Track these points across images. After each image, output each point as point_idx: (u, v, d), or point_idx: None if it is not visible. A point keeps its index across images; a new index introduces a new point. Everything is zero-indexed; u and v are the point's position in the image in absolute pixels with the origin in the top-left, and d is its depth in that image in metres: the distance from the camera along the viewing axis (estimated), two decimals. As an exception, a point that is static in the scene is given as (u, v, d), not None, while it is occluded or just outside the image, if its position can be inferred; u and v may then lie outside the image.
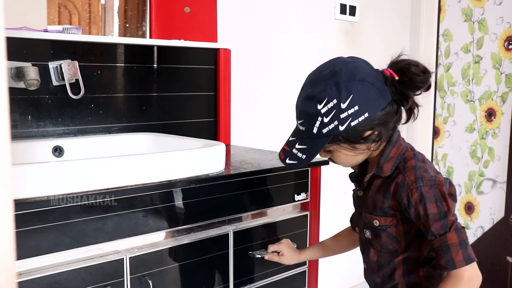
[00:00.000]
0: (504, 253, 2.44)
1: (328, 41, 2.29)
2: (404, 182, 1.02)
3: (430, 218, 1.00)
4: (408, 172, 1.03)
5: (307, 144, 1.03)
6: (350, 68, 1.00)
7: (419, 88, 1.02)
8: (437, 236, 1.00)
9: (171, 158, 1.17)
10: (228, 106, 1.80)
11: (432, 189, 1.01)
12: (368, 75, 1.00)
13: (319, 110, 0.99)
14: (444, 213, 1.00)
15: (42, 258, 0.99)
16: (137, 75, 1.60)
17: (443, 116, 2.65)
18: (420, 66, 1.01)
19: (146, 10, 1.65)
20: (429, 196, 1.00)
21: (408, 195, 1.01)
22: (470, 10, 2.50)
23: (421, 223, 1.02)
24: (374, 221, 1.09)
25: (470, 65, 2.52)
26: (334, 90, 0.98)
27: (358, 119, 0.98)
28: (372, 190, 1.10)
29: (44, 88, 1.39)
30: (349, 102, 0.97)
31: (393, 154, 1.06)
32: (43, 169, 0.99)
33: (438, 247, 1.00)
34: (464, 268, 0.99)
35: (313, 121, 1.00)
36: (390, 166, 1.05)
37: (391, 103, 1.01)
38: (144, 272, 1.12)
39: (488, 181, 2.50)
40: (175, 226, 1.19)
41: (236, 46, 1.87)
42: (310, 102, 1.01)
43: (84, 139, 1.44)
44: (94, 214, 1.04)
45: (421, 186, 1.01)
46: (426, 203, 1.00)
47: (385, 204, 1.06)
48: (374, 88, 0.99)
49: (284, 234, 1.41)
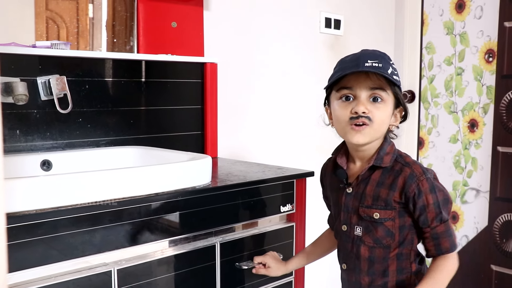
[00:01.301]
0: (488, 262, 2.48)
1: (313, 54, 2.33)
2: (413, 174, 1.11)
3: (441, 204, 1.11)
4: (413, 165, 1.13)
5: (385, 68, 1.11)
6: None
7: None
8: (443, 221, 1.12)
9: (158, 171, 1.19)
10: (215, 119, 1.83)
11: (435, 180, 1.13)
12: None
13: (391, 61, 1.13)
14: (448, 200, 1.13)
15: (31, 271, 1.00)
16: (124, 89, 1.62)
17: (427, 127, 2.70)
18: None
19: (133, 25, 1.67)
20: (437, 185, 1.12)
21: (418, 185, 1.10)
22: (451, 24, 2.56)
23: (427, 212, 1.11)
24: (374, 214, 1.13)
25: (453, 77, 2.57)
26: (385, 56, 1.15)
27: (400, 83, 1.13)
28: (371, 184, 1.15)
29: (32, 103, 1.40)
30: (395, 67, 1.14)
31: (389, 150, 1.16)
32: (31, 183, 1.01)
33: (443, 231, 1.13)
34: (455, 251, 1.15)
35: (388, 64, 1.11)
36: (389, 158, 1.14)
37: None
38: (132, 284, 1.13)
39: (471, 191, 2.54)
40: (162, 239, 1.20)
41: (223, 60, 1.90)
42: (383, 55, 1.14)
43: (72, 153, 1.46)
44: (82, 227, 1.06)
45: (429, 177, 1.11)
46: (436, 191, 1.11)
47: (389, 196, 1.12)
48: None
49: (271, 245, 1.44)
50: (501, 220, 2.43)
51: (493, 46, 2.41)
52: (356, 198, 1.16)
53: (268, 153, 2.11)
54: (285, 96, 2.21)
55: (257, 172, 1.50)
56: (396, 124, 1.18)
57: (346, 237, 1.20)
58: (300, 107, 2.26)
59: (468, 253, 2.56)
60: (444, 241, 1.12)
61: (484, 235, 2.50)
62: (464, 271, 2.55)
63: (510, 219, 2.40)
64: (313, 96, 2.33)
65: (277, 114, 2.15)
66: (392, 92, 1.12)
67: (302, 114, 2.25)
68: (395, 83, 1.11)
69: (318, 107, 2.32)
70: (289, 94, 2.23)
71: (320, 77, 2.37)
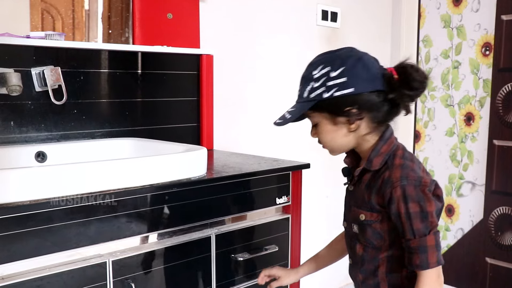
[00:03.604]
0: (483, 254, 2.49)
1: (310, 46, 2.32)
2: (389, 179, 1.05)
3: (412, 217, 1.03)
4: (395, 169, 1.06)
5: (296, 107, 1.10)
6: (352, 48, 1.09)
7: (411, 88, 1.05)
8: (417, 236, 1.03)
9: (153, 162, 1.19)
10: (210, 111, 1.82)
11: (416, 189, 1.03)
12: (367, 59, 1.06)
13: (312, 75, 1.06)
14: (425, 214, 1.03)
15: (25, 262, 0.99)
16: (120, 81, 1.62)
17: (424, 120, 2.70)
18: (420, 71, 1.06)
19: (129, 16, 1.66)
20: (412, 196, 1.03)
21: (391, 191, 1.04)
22: (449, 17, 2.55)
23: (400, 221, 1.04)
24: (360, 215, 1.11)
25: (450, 70, 2.57)
26: (330, 59, 1.06)
27: (342, 91, 1.03)
28: (361, 186, 1.12)
29: (26, 94, 1.39)
30: (339, 72, 1.03)
31: (384, 150, 1.09)
32: (25, 174, 1.00)
33: (416, 247, 1.03)
34: (435, 268, 1.03)
35: (306, 85, 1.07)
36: (379, 161, 1.08)
37: (379, 93, 1.05)
38: (127, 276, 1.13)
39: (467, 184, 2.55)
40: (157, 230, 1.20)
41: (219, 51, 1.89)
42: (309, 67, 1.09)
43: (67, 145, 1.45)
44: (77, 218, 1.05)
45: (405, 185, 1.03)
46: (408, 202, 1.03)
47: (371, 199, 1.09)
48: (368, 70, 1.04)
49: (266, 237, 1.44)
50: (497, 213, 2.43)
51: (490, 40, 2.41)
52: (353, 197, 1.16)
53: (264, 145, 2.11)
54: (281, 88, 2.21)
55: (252, 164, 1.49)
56: (367, 131, 1.09)
57: (347, 233, 1.20)
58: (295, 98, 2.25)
59: (463, 246, 2.56)
60: (415, 257, 1.03)
61: (479, 228, 2.51)
62: (459, 263, 2.56)
63: (505, 212, 2.41)
64: (310, 88, 2.33)
65: (273, 106, 2.14)
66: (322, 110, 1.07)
67: (299, 107, 2.25)
68: (319, 99, 1.04)
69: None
70: (285, 86, 2.22)
71: (317, 69, 2.36)
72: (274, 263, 1.45)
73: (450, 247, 2.61)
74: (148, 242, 1.19)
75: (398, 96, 1.06)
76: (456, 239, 2.59)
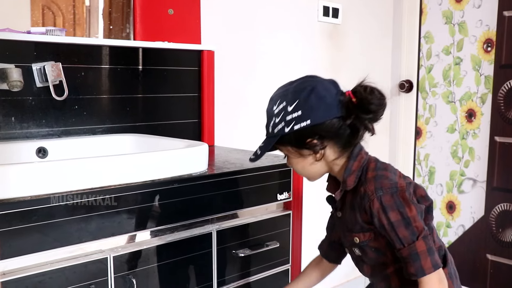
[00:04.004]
0: (484, 251, 2.49)
1: (311, 42, 2.32)
2: (365, 193, 1.05)
3: (395, 226, 1.02)
4: (369, 182, 1.05)
5: (264, 143, 1.11)
6: (306, 79, 1.09)
7: (370, 112, 1.05)
8: (406, 245, 1.02)
9: (154, 158, 1.18)
10: (212, 107, 1.82)
11: (393, 196, 1.03)
12: (321, 88, 1.06)
13: (273, 111, 1.08)
14: (408, 220, 1.02)
15: (26, 258, 0.99)
16: (121, 77, 1.61)
17: (425, 116, 2.70)
18: (376, 93, 1.06)
19: (130, 12, 1.66)
20: (390, 205, 1.02)
21: (370, 205, 1.04)
22: (450, 13, 2.55)
23: (387, 233, 1.04)
24: (355, 239, 1.11)
25: (451, 66, 2.57)
26: (285, 94, 1.07)
27: (300, 124, 1.04)
28: (347, 209, 1.12)
29: (27, 89, 1.39)
30: (294, 106, 1.05)
31: (355, 168, 1.09)
32: (26, 169, 1.00)
33: (408, 255, 1.02)
34: (433, 274, 1.02)
35: (270, 120, 1.09)
36: (353, 179, 1.08)
37: (338, 119, 1.06)
38: (128, 271, 1.13)
39: (468, 181, 2.54)
40: (158, 226, 1.20)
41: (220, 47, 1.89)
42: (270, 103, 1.10)
43: (68, 140, 1.45)
44: (78, 214, 1.05)
45: (381, 195, 1.03)
46: (388, 212, 1.02)
47: (358, 219, 1.08)
48: (322, 100, 1.05)
49: (267, 233, 1.43)
50: (498, 210, 2.43)
51: (492, 36, 2.40)
52: (343, 222, 1.16)
53: (265, 142, 2.10)
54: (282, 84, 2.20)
55: (254, 160, 1.49)
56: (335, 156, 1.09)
57: (352, 257, 1.20)
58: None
59: (464, 243, 2.56)
60: (410, 266, 1.02)
61: (480, 225, 2.50)
62: (460, 260, 2.56)
63: (506, 209, 2.40)
64: (311, 85, 2.32)
65: (275, 103, 2.14)
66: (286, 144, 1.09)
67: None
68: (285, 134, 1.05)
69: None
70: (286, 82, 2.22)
71: (318, 65, 2.36)
72: (275, 260, 1.46)
73: (451, 243, 2.61)
74: (149, 238, 1.19)
75: (357, 121, 1.06)
76: (457, 235, 2.59)
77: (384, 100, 1.06)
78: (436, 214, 2.68)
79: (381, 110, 1.06)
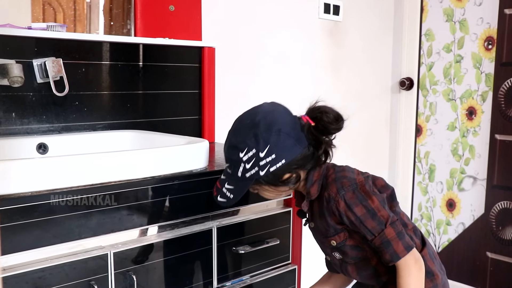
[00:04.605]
0: (484, 249, 2.49)
1: (312, 40, 2.31)
2: (330, 197, 1.10)
3: (362, 219, 1.07)
4: (330, 186, 1.10)
5: (234, 185, 1.11)
6: (268, 120, 1.08)
7: (332, 134, 1.10)
8: (376, 234, 1.07)
9: (154, 154, 1.18)
10: (212, 104, 1.82)
11: (355, 192, 1.08)
12: (284, 125, 1.07)
13: (241, 158, 1.07)
14: (373, 211, 1.07)
15: (26, 254, 0.99)
16: (121, 73, 1.61)
17: (426, 114, 2.69)
18: (331, 114, 1.08)
19: (131, 8, 1.65)
20: (354, 201, 1.07)
21: (336, 206, 1.08)
22: (451, 11, 2.54)
23: (357, 228, 1.09)
24: (332, 242, 1.16)
25: (452, 64, 2.56)
26: (253, 141, 1.06)
27: (276, 165, 1.06)
28: (317, 217, 1.16)
29: (28, 85, 1.39)
30: (266, 151, 1.05)
31: (316, 177, 1.13)
32: (27, 165, 1.00)
33: (380, 244, 1.07)
34: (408, 255, 1.07)
35: (237, 166, 1.08)
36: (316, 188, 1.13)
37: (307, 147, 1.09)
38: (128, 268, 1.13)
39: (469, 179, 2.54)
40: (159, 222, 1.20)
41: (221, 44, 1.89)
42: (233, 151, 1.09)
43: (69, 136, 1.45)
44: (78, 210, 1.05)
45: (343, 194, 1.08)
46: (353, 208, 1.07)
47: (329, 223, 1.13)
48: (290, 137, 1.06)
49: (268, 230, 1.43)
50: (498, 208, 2.43)
51: (493, 34, 2.40)
52: (317, 231, 1.20)
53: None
54: (283, 81, 2.20)
55: (254, 157, 1.49)
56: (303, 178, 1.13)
57: (335, 263, 1.24)
58: (297, 92, 2.25)
59: (464, 241, 2.56)
60: (384, 253, 1.07)
61: (480, 223, 2.51)
62: (460, 258, 2.56)
63: (506, 206, 2.40)
64: (311, 81, 2.32)
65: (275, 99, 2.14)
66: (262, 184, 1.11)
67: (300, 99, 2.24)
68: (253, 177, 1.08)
69: (316, 92, 2.31)
70: (287, 79, 2.22)
71: (318, 62, 2.36)
72: (275, 256, 1.46)
73: (451, 241, 2.61)
74: (149, 234, 1.19)
75: (326, 145, 1.10)
76: (457, 233, 2.59)
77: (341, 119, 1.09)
78: (436, 212, 2.68)
79: (340, 128, 1.09)
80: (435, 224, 2.68)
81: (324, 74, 2.39)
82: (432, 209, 2.70)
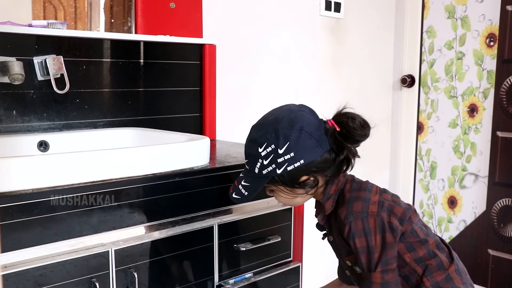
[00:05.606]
0: (485, 246, 2.49)
1: (313, 37, 2.31)
2: (340, 218, 1.07)
3: (359, 252, 1.05)
4: (341, 208, 1.08)
5: (250, 182, 1.10)
6: (292, 117, 1.05)
7: (357, 141, 1.06)
8: (365, 270, 1.05)
9: (155, 151, 1.18)
10: (213, 101, 1.82)
11: (363, 222, 1.05)
12: (307, 125, 1.04)
13: (259, 153, 1.05)
14: (371, 249, 1.04)
15: (27, 251, 0.99)
16: (122, 70, 1.61)
17: (427, 111, 2.69)
18: (357, 120, 1.05)
19: (131, 6, 1.65)
20: (358, 231, 1.04)
21: (344, 230, 1.06)
22: (453, 7, 2.54)
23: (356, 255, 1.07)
24: (347, 262, 1.14)
25: (453, 61, 2.56)
26: (273, 136, 1.04)
27: (294, 165, 1.04)
28: (334, 232, 1.14)
29: (29, 83, 1.39)
30: (285, 148, 1.03)
31: (332, 192, 1.11)
32: (28, 162, 1.00)
33: (364, 279, 1.05)
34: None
35: (255, 162, 1.06)
36: (330, 204, 1.11)
37: (329, 152, 1.06)
38: (130, 265, 1.13)
39: (470, 176, 2.54)
40: (160, 219, 1.20)
41: (222, 41, 1.88)
42: (253, 145, 1.07)
43: (70, 134, 1.45)
44: (79, 207, 1.05)
45: (351, 221, 1.05)
46: (355, 238, 1.05)
47: (342, 242, 1.10)
48: (312, 137, 1.04)
49: (269, 227, 1.43)
50: (499, 205, 2.43)
51: (495, 30, 2.39)
52: (336, 247, 1.17)
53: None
54: (284, 78, 2.20)
55: (255, 154, 1.48)
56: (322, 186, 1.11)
57: (355, 279, 1.19)
58: (299, 89, 2.24)
59: (466, 238, 2.56)
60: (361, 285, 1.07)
61: (482, 220, 2.50)
62: (462, 255, 2.56)
63: (508, 204, 2.40)
64: (312, 78, 2.32)
65: (276, 96, 2.14)
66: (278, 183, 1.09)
67: (301, 97, 2.24)
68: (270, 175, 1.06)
69: (317, 90, 2.31)
70: (288, 76, 2.22)
71: (319, 59, 2.36)
72: (276, 254, 1.46)
73: (452, 238, 2.61)
74: (150, 231, 1.19)
75: (349, 153, 1.07)
76: (458, 230, 2.59)
77: (367, 127, 1.06)
78: (437, 209, 2.68)
79: (366, 136, 1.06)
80: (437, 221, 2.68)
81: (325, 71, 2.38)
82: (433, 207, 2.70)
